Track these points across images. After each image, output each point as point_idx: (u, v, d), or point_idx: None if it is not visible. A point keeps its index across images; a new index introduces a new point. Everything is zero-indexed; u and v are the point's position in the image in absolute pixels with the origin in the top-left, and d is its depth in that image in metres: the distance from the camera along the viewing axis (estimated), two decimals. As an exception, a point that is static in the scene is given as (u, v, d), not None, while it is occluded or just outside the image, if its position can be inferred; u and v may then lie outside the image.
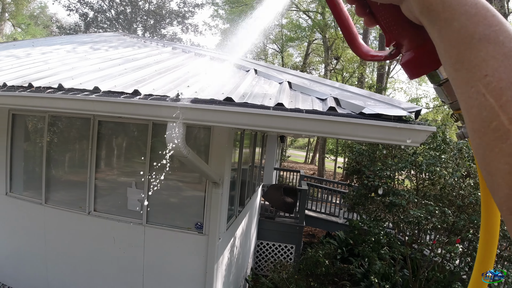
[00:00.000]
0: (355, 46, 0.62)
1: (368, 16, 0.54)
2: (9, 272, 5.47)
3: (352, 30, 0.62)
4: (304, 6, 23.12)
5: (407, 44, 0.50)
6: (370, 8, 0.53)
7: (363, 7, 0.53)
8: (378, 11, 0.51)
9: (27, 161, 5.45)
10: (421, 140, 2.48)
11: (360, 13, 0.54)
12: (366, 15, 0.54)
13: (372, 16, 0.54)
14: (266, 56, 30.15)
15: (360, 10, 0.54)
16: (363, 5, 0.53)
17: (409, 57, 0.50)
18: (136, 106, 2.86)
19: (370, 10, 0.53)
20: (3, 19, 28.05)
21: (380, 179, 7.03)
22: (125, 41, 8.36)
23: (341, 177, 24.07)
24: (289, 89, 3.63)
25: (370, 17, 0.54)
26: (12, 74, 4.34)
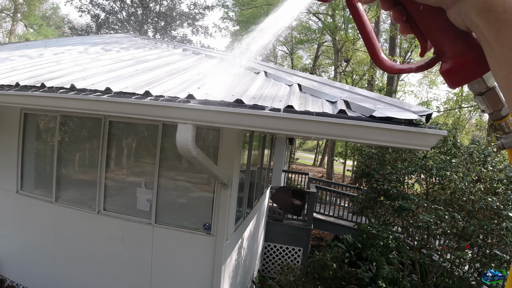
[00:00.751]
0: (378, 59, 0.60)
1: (404, 23, 0.52)
2: (18, 270, 5.55)
3: (375, 43, 0.60)
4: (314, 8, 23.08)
5: (449, 51, 0.48)
6: (407, 15, 0.51)
7: (400, 13, 0.52)
8: (418, 17, 0.49)
9: (38, 160, 5.53)
10: (432, 144, 2.45)
11: (397, 19, 0.52)
12: (402, 22, 0.52)
13: (408, 23, 0.52)
14: (275, 58, 30.18)
15: (397, 16, 0.52)
16: (401, 11, 0.51)
17: (451, 65, 0.48)
18: (147, 107, 2.89)
19: (407, 17, 0.52)
20: (16, 19, 28.52)
21: (390, 183, 6.98)
22: (136, 43, 8.44)
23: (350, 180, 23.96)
24: (299, 92, 3.63)
25: (406, 24, 0.52)
26: (25, 74, 4.42)
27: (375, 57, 0.60)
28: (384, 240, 7.05)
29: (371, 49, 0.60)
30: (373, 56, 0.61)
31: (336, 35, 22.57)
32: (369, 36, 0.60)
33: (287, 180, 15.24)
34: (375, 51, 0.60)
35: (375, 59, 0.60)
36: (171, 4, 20.01)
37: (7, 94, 3.64)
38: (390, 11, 0.52)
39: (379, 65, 0.60)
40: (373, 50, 0.60)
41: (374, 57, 0.60)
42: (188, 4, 20.10)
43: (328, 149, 26.92)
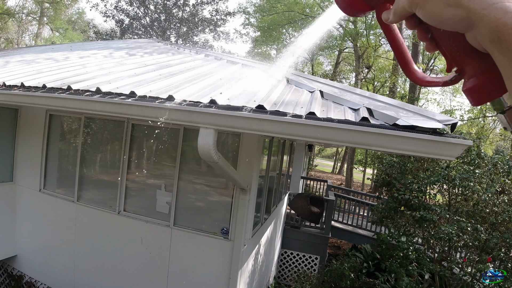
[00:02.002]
0: (409, 71, 0.62)
1: (429, 41, 0.54)
2: (37, 267, 5.69)
3: (406, 56, 0.61)
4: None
5: (471, 70, 0.49)
6: (432, 34, 0.53)
7: (425, 32, 0.53)
8: (440, 37, 0.51)
9: (61, 160, 5.68)
10: (457, 154, 2.39)
11: (422, 37, 0.54)
12: (428, 40, 0.54)
13: (434, 41, 0.53)
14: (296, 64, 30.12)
15: (422, 35, 0.54)
16: (425, 30, 0.53)
17: (472, 84, 0.49)
18: (171, 111, 2.93)
19: (432, 35, 0.53)
20: (42, 23, 29.47)
21: (411, 193, 6.84)
22: (159, 48, 8.60)
23: (370, 189, 23.58)
24: (321, 98, 3.61)
25: (431, 42, 0.54)
26: (52, 76, 4.56)
27: (406, 68, 0.62)
28: (404, 251, 6.91)
29: (402, 60, 0.62)
30: (404, 67, 0.62)
31: (357, 42, 22.40)
32: (400, 49, 0.61)
33: (306, 187, 15.13)
34: (406, 61, 0.61)
35: (406, 71, 0.62)
36: (194, 10, 20.30)
37: (35, 96, 3.76)
38: (415, 30, 0.54)
39: (410, 76, 0.62)
40: (404, 61, 0.61)
41: (405, 68, 0.62)
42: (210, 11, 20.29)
43: (347, 156, 26.61)
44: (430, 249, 7.49)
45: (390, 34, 0.61)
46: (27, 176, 5.69)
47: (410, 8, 0.47)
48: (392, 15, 0.52)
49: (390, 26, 0.60)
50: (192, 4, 20.13)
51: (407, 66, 0.61)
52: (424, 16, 0.46)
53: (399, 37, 0.61)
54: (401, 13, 0.49)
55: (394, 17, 0.51)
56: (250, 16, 27.77)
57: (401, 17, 0.51)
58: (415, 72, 0.61)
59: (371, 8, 0.58)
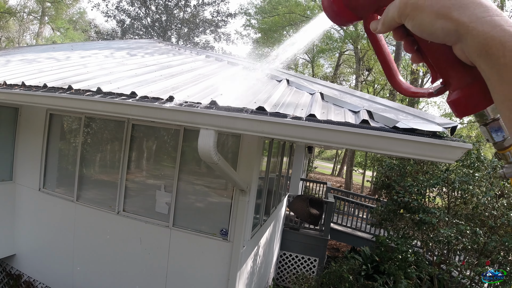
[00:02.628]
0: (395, 82, 0.63)
1: (415, 53, 0.54)
2: (36, 266, 5.69)
3: (392, 66, 0.62)
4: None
5: (455, 82, 0.50)
6: (418, 45, 0.53)
7: (411, 43, 0.53)
8: (427, 49, 0.51)
9: (61, 159, 5.68)
10: (456, 157, 2.40)
11: (408, 49, 0.54)
12: (414, 52, 0.54)
13: (420, 53, 0.54)
14: (296, 66, 30.18)
15: (408, 46, 0.54)
16: (412, 42, 0.53)
17: (457, 96, 0.50)
18: (171, 112, 2.93)
19: (418, 47, 0.53)
20: (43, 22, 29.47)
21: (411, 195, 6.84)
22: (160, 48, 8.61)
23: (369, 191, 23.60)
24: (321, 100, 3.62)
25: (417, 54, 0.54)
26: (53, 76, 4.56)
27: (392, 80, 0.63)
28: (403, 253, 6.92)
29: (388, 72, 0.62)
30: (390, 79, 0.63)
31: (358, 44, 22.45)
32: (386, 59, 0.62)
33: (305, 188, 15.14)
34: (392, 73, 0.62)
35: (392, 81, 0.63)
36: (195, 11, 20.32)
37: (35, 95, 3.77)
38: (402, 41, 0.54)
39: (395, 87, 0.63)
40: (390, 72, 0.62)
41: (391, 79, 0.63)
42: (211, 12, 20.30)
43: (347, 158, 26.60)
44: (429, 252, 7.49)
45: (376, 44, 0.61)
46: (26, 175, 5.69)
47: (399, 19, 0.47)
48: (381, 25, 0.52)
49: (377, 37, 0.60)
50: (194, 5, 20.18)
51: (392, 77, 0.62)
52: (413, 27, 0.46)
53: (386, 48, 0.62)
54: (390, 24, 0.50)
55: (383, 27, 0.51)
56: (251, 18, 27.82)
57: (389, 28, 0.51)
58: (401, 83, 0.62)
59: (359, 18, 0.58)
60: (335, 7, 0.57)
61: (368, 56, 22.58)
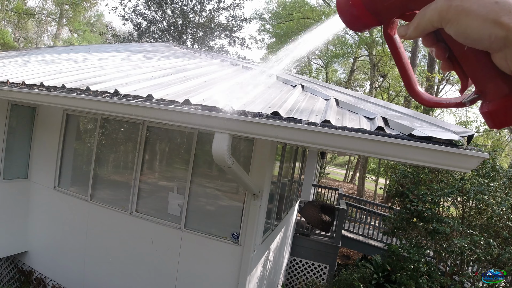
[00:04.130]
0: (415, 92, 0.60)
1: (447, 61, 0.52)
2: (48, 263, 5.78)
3: (411, 76, 0.59)
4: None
5: (492, 92, 0.47)
6: (450, 52, 0.50)
7: (443, 50, 0.51)
8: (462, 56, 0.48)
9: (76, 159, 5.78)
10: (472, 166, 2.36)
11: (439, 56, 0.52)
12: (445, 59, 0.52)
13: (451, 61, 0.52)
14: (310, 71, 30.15)
15: (439, 53, 0.52)
16: (443, 48, 0.51)
17: (494, 108, 0.47)
18: (187, 115, 2.96)
19: (450, 54, 0.51)
20: (61, 24, 30.12)
21: (424, 204, 6.75)
22: (175, 52, 8.71)
23: (382, 199, 23.32)
24: (336, 106, 3.61)
25: (448, 61, 0.52)
26: (71, 77, 4.65)
27: (411, 90, 0.60)
28: (415, 263, 6.82)
29: (407, 81, 0.60)
30: (409, 88, 0.60)
31: (372, 50, 22.31)
32: (405, 68, 0.59)
33: (317, 194, 15.05)
34: (411, 83, 0.59)
35: (411, 92, 0.60)
36: (210, 15, 20.50)
37: (54, 95, 3.84)
38: (432, 48, 0.52)
39: (415, 97, 0.60)
40: (409, 82, 0.59)
41: (410, 89, 0.60)
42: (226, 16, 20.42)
43: (360, 165, 26.37)
44: (441, 262, 7.38)
45: (396, 52, 0.58)
46: (42, 173, 5.80)
47: (439, 23, 0.44)
48: (413, 30, 0.48)
49: (397, 44, 0.57)
50: (209, 9, 20.34)
51: (411, 86, 0.59)
52: (456, 33, 0.43)
53: (405, 56, 0.59)
54: (425, 29, 0.46)
55: (415, 32, 0.48)
56: (266, 23, 27.94)
57: (423, 33, 0.48)
58: (420, 93, 0.59)
59: (379, 24, 0.54)
60: (355, 10, 0.52)
61: (383, 62, 22.41)
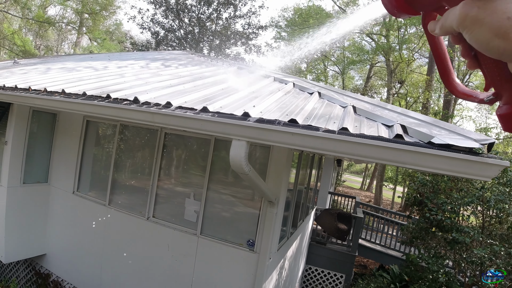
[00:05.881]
0: (449, 82, 0.61)
1: (472, 60, 0.53)
2: (65, 266, 5.88)
3: (448, 65, 0.61)
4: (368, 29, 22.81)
5: (507, 96, 0.49)
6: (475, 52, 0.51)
7: (469, 49, 0.52)
8: (483, 58, 0.50)
9: (95, 164, 5.90)
10: (493, 175, 2.31)
11: (465, 54, 0.53)
12: (470, 58, 0.53)
13: (477, 60, 0.53)
14: (326, 78, 30.06)
15: (465, 52, 0.53)
16: (469, 48, 0.51)
17: (507, 111, 0.49)
18: (205, 122, 3.00)
19: (475, 54, 0.52)
20: (81, 32, 31.00)
21: (444, 213, 6.61)
22: (193, 60, 8.83)
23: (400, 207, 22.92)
24: (354, 114, 3.59)
25: (474, 61, 0.53)
26: (91, 84, 4.77)
27: (446, 78, 0.61)
28: (434, 273, 6.68)
29: (443, 71, 0.61)
30: (444, 77, 0.61)
31: (389, 56, 22.10)
32: (442, 57, 0.60)
33: (333, 202, 14.90)
34: (446, 72, 0.61)
35: (445, 80, 0.61)
36: (226, 23, 20.72)
37: (75, 102, 3.95)
38: (460, 45, 0.53)
39: (449, 87, 0.62)
40: (445, 71, 0.61)
41: (445, 78, 0.61)
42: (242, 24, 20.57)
43: (377, 173, 26.01)
44: (461, 272, 7.20)
45: (433, 41, 0.60)
46: (61, 178, 5.94)
47: (458, 28, 0.46)
48: (439, 29, 0.51)
49: None
50: (225, 17, 20.56)
51: (447, 76, 0.61)
52: (470, 40, 0.46)
53: (443, 46, 0.60)
54: (447, 30, 0.49)
55: (440, 31, 0.51)
56: (282, 30, 28.06)
57: (446, 33, 0.50)
58: (455, 84, 0.61)
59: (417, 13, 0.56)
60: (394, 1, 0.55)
61: (400, 68, 22.15)
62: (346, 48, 27.07)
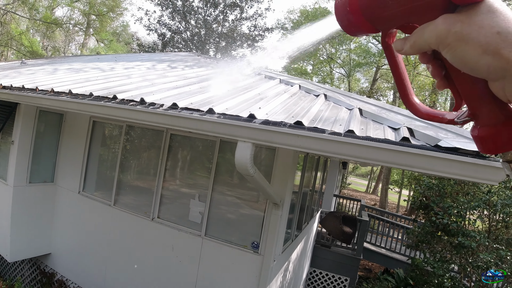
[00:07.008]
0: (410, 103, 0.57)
1: (443, 80, 0.50)
2: (70, 266, 5.91)
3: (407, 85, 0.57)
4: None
5: (486, 118, 0.46)
6: (446, 71, 0.48)
7: (439, 68, 0.49)
8: (457, 78, 0.46)
9: (101, 165, 5.93)
10: (500, 178, 2.29)
11: (435, 75, 0.50)
12: (441, 78, 0.50)
13: (447, 79, 0.49)
14: (332, 80, 30.01)
15: (436, 71, 0.49)
16: (440, 67, 0.49)
17: (486, 133, 0.46)
18: (211, 123, 3.00)
19: (446, 73, 0.49)
20: (88, 34, 31.26)
21: (450, 217, 6.56)
22: (199, 61, 8.86)
23: (405, 211, 22.78)
24: (360, 116, 3.58)
25: (444, 80, 0.50)
26: (98, 85, 4.80)
27: (406, 100, 0.57)
28: (439, 278, 6.63)
29: (403, 91, 0.57)
30: (404, 98, 0.58)
31: (396, 59, 21.98)
32: (401, 78, 0.57)
33: (338, 205, 14.83)
34: (407, 93, 0.57)
35: (406, 102, 0.57)
36: (233, 25, 20.79)
37: (82, 103, 3.98)
38: (429, 65, 0.50)
39: (410, 108, 0.57)
40: (405, 92, 0.57)
41: (405, 99, 0.57)
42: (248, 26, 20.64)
43: (383, 176, 25.88)
44: (466, 277, 7.13)
45: (393, 60, 0.55)
46: (67, 178, 5.97)
47: (436, 46, 0.42)
48: (409, 47, 0.46)
49: (395, 53, 0.54)
50: (232, 19, 20.64)
51: (407, 96, 0.57)
52: (452, 59, 0.42)
53: (402, 65, 0.56)
54: (421, 48, 0.44)
55: (412, 49, 0.46)
56: (288, 32, 28.07)
57: (419, 51, 0.46)
58: (417, 105, 0.57)
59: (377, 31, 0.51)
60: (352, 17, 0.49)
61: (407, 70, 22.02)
62: (352, 51, 27.03)
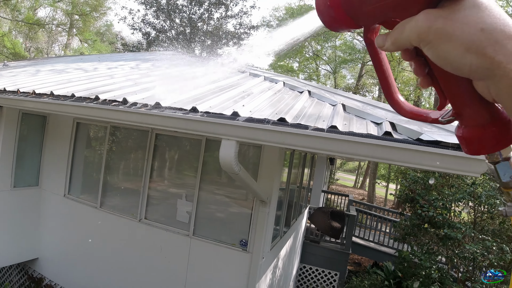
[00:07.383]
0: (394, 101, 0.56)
1: (426, 77, 0.48)
2: (58, 270, 5.82)
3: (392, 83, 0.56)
4: (359, 29, 22.91)
5: (470, 118, 0.45)
6: (430, 69, 0.47)
7: (422, 66, 0.47)
8: (441, 77, 0.45)
9: (86, 167, 5.84)
10: (482, 170, 2.34)
11: (418, 72, 0.48)
12: (424, 76, 0.48)
13: (431, 77, 0.47)
14: (318, 77, 30.15)
15: (418, 69, 0.47)
16: (423, 64, 0.47)
17: (471, 134, 0.45)
18: (194, 122, 2.99)
19: (429, 70, 0.47)
20: (71, 34, 30.69)
21: (435, 210, 6.66)
22: (184, 60, 8.79)
23: (392, 204, 23.06)
24: (343, 112, 3.60)
25: (428, 78, 0.48)
26: (81, 86, 4.73)
27: (390, 98, 0.56)
28: (427, 270, 6.72)
29: (386, 89, 0.56)
30: (388, 96, 0.56)
31: (381, 55, 22.21)
32: (385, 75, 0.55)
33: (326, 201, 14.94)
34: (391, 91, 0.56)
35: (390, 100, 0.56)
36: (218, 23, 20.71)
37: (63, 104, 3.91)
38: (411, 62, 0.48)
39: (394, 106, 0.56)
40: (389, 90, 0.56)
41: (389, 97, 0.56)
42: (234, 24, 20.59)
43: (370, 171, 26.15)
44: (453, 268, 7.27)
45: (376, 57, 0.54)
46: (52, 181, 5.87)
47: (417, 43, 0.40)
48: (391, 44, 0.44)
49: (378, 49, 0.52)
50: (217, 17, 20.55)
51: (392, 95, 0.56)
52: (434, 57, 0.40)
53: (386, 62, 0.55)
54: (402, 44, 0.42)
55: (393, 46, 0.44)
56: (273, 30, 28.07)
57: (400, 48, 0.44)
58: (400, 102, 0.55)
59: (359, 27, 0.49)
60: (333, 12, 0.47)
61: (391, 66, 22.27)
62: (338, 47, 27.19)
